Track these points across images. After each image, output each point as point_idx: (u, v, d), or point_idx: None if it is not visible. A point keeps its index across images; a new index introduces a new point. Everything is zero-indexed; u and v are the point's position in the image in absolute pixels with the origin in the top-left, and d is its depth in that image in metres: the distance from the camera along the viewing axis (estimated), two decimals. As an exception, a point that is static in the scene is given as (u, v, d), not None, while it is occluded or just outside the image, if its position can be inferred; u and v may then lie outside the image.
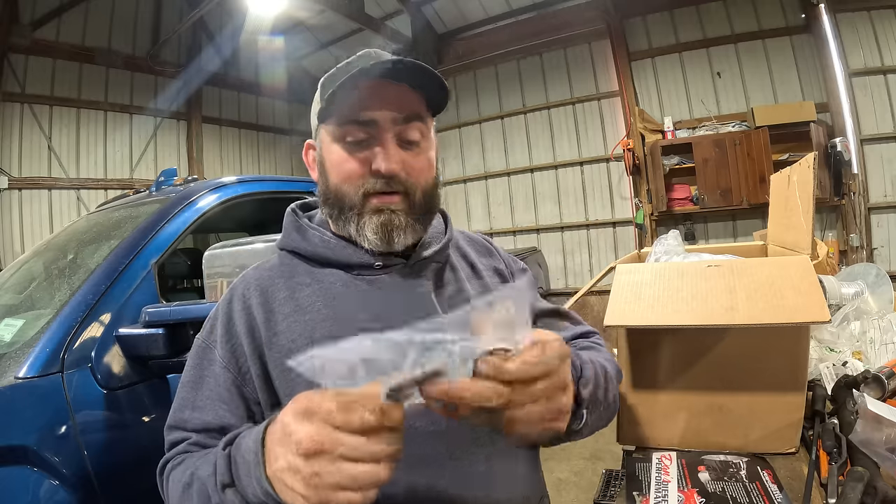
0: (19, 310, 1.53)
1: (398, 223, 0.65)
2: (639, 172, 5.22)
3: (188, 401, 0.64)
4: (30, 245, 4.40)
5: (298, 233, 0.72)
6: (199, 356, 0.66)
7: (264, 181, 2.03)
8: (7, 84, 4.43)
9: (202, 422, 0.62)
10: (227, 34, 5.86)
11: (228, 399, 0.62)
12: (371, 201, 0.64)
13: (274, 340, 0.63)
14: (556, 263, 5.77)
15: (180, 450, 0.61)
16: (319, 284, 0.67)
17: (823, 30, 4.50)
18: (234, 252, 1.30)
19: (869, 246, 4.52)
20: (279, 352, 0.63)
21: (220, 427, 0.61)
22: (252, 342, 0.64)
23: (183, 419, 0.63)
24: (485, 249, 0.84)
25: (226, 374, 0.63)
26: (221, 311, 0.68)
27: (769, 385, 0.91)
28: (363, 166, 0.64)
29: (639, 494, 0.81)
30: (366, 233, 0.65)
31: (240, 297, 0.68)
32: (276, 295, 0.67)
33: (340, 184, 0.65)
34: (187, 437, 0.62)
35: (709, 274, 0.96)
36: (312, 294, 0.66)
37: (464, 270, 0.76)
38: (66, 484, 1.08)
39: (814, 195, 1.32)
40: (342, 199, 0.66)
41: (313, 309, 0.65)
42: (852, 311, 1.23)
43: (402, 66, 0.61)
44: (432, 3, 5.82)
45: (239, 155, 6.46)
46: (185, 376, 0.66)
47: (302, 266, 0.70)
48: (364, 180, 0.64)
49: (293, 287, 0.67)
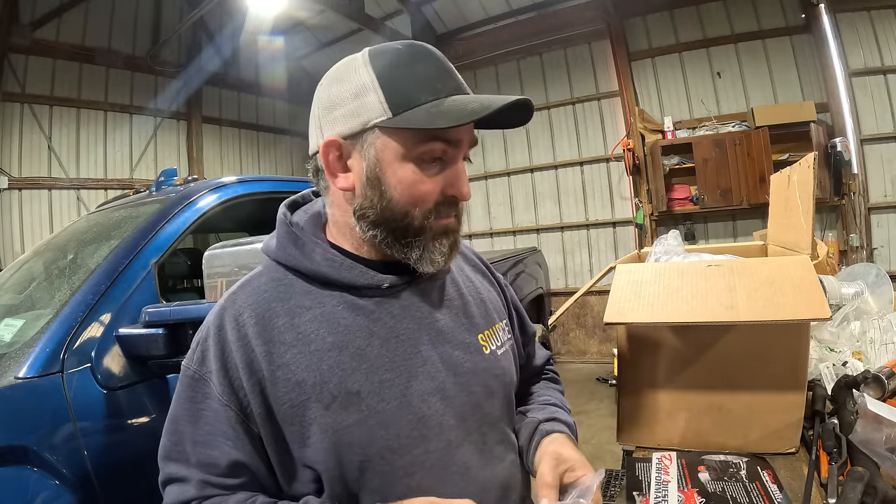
0: (19, 310, 1.53)
1: (458, 244, 0.65)
2: (639, 172, 5.22)
3: (186, 434, 0.60)
4: (30, 245, 4.40)
5: (297, 247, 0.65)
6: (192, 388, 0.61)
7: (264, 181, 2.03)
8: (7, 84, 4.43)
9: (208, 457, 0.58)
10: (227, 34, 5.85)
11: (233, 436, 0.58)
12: (438, 223, 0.62)
13: (278, 375, 0.59)
14: (556, 263, 5.77)
15: (190, 496, 0.59)
16: (321, 308, 0.62)
17: (823, 30, 4.50)
18: (234, 252, 1.30)
19: (869, 246, 4.52)
20: (285, 387, 0.58)
21: (229, 463, 0.58)
22: (251, 377, 0.59)
23: (184, 452, 0.60)
24: (482, 265, 0.85)
25: (227, 411, 0.58)
26: (213, 340, 0.61)
27: (769, 385, 0.91)
28: (437, 188, 0.60)
29: (639, 494, 0.81)
30: (432, 255, 0.62)
31: (233, 326, 0.61)
32: (275, 322, 0.61)
33: (410, 207, 0.60)
34: (191, 474, 0.59)
35: (709, 273, 0.96)
36: (314, 320, 0.61)
37: (465, 286, 0.75)
38: (67, 484, 1.08)
39: (814, 195, 1.32)
40: (406, 222, 0.60)
41: (318, 337, 0.60)
42: (852, 311, 1.23)
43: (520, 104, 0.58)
44: (432, 3, 5.82)
45: (239, 155, 6.45)
46: (178, 410, 0.61)
47: (298, 284, 0.64)
48: (436, 204, 0.61)
49: (292, 312, 0.62)
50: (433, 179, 0.60)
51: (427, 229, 0.61)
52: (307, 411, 0.58)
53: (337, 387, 0.58)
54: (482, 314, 0.74)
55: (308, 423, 0.58)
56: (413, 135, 0.58)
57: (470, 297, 0.74)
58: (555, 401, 0.82)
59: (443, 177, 0.60)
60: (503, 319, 0.78)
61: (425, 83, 0.58)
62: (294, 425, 0.58)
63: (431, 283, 0.69)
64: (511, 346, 0.78)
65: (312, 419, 0.58)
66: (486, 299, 0.77)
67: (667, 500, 0.77)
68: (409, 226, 0.60)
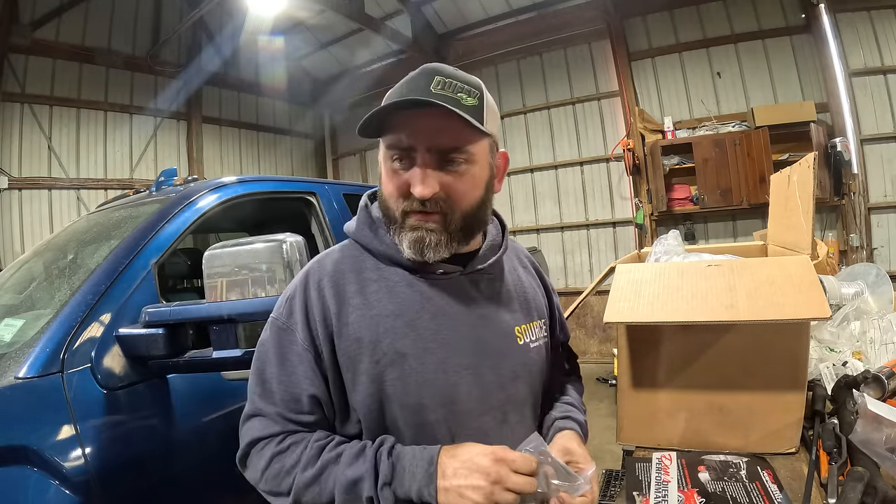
0: (19, 310, 1.53)
1: (430, 242, 0.71)
2: (639, 172, 5.22)
3: (273, 375, 0.72)
4: (30, 245, 4.40)
5: (371, 230, 0.78)
6: (280, 336, 0.74)
7: (264, 181, 2.03)
8: (7, 84, 4.43)
9: (291, 394, 0.71)
10: (227, 34, 5.85)
11: (311, 376, 0.71)
12: (410, 218, 0.72)
13: (344, 331, 0.72)
14: (556, 263, 5.77)
15: (274, 431, 0.70)
16: (385, 282, 0.75)
17: (823, 30, 4.50)
18: (234, 252, 1.29)
19: (869, 246, 4.52)
20: (347, 340, 0.71)
21: (309, 399, 0.71)
22: (325, 329, 0.72)
23: (271, 391, 0.72)
24: (533, 268, 0.94)
25: (308, 354, 0.72)
26: (298, 297, 0.74)
27: (769, 385, 0.91)
28: (404, 186, 0.70)
29: (639, 494, 0.81)
30: (402, 244, 0.73)
31: (315, 286, 0.74)
32: (347, 288, 0.74)
33: (387, 198, 0.73)
34: (277, 410, 0.71)
35: (709, 273, 0.96)
36: (378, 291, 0.74)
37: (513, 283, 0.85)
38: (66, 484, 1.08)
39: (814, 195, 1.32)
40: (389, 211, 0.74)
41: (379, 304, 0.73)
42: (852, 311, 1.23)
43: (429, 103, 0.65)
44: (432, 3, 5.82)
45: (239, 155, 6.45)
46: (267, 354, 0.74)
47: (370, 261, 0.77)
48: (404, 199, 0.71)
49: (362, 282, 0.75)
50: (399, 178, 0.71)
51: (402, 221, 0.72)
52: (360, 363, 0.71)
53: (388, 346, 0.71)
54: (523, 310, 0.84)
55: (360, 372, 0.70)
56: (384, 142, 0.72)
57: (515, 293, 0.84)
58: (572, 400, 0.91)
59: (408, 176, 0.70)
60: (542, 319, 0.87)
61: (390, 97, 0.69)
62: (349, 372, 0.71)
63: (481, 275, 0.80)
64: (545, 343, 0.86)
65: (364, 370, 0.70)
66: (531, 298, 0.86)
67: (667, 500, 0.77)
68: (389, 214, 0.74)
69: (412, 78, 0.71)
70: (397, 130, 0.69)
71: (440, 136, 0.68)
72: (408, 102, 0.66)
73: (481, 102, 0.70)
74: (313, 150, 7.44)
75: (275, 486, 0.69)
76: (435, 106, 0.65)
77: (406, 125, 0.68)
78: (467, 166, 0.70)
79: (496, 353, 0.76)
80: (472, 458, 0.63)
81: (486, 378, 0.75)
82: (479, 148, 0.72)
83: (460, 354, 0.73)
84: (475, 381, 0.74)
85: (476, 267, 0.78)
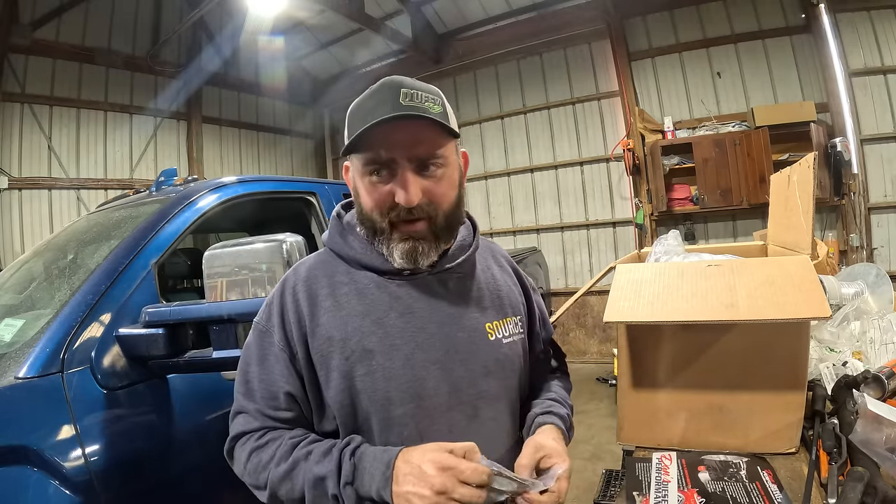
0: (19, 310, 1.53)
1: (422, 249, 0.75)
2: (639, 172, 5.22)
3: (254, 374, 0.77)
4: (30, 245, 4.40)
5: (341, 237, 0.83)
6: (260, 338, 0.79)
7: (264, 181, 2.03)
8: (7, 84, 4.43)
9: (269, 392, 0.75)
10: (227, 34, 5.85)
11: (287, 374, 0.76)
12: (398, 229, 0.74)
13: (317, 331, 0.76)
14: (556, 263, 5.77)
15: (254, 427, 0.75)
16: (355, 284, 0.79)
17: (823, 30, 4.50)
18: (234, 252, 1.30)
19: (869, 246, 4.52)
20: (319, 340, 0.75)
21: (285, 395, 0.75)
22: (299, 330, 0.76)
23: (252, 389, 0.76)
24: (510, 267, 0.95)
25: (283, 354, 0.76)
26: (276, 302, 0.80)
27: (769, 384, 0.91)
28: (387, 198, 0.73)
29: (639, 494, 0.81)
30: (394, 256, 0.75)
31: (290, 291, 0.79)
32: (319, 291, 0.79)
33: (370, 212, 0.75)
34: (256, 407, 0.75)
35: (709, 273, 0.96)
36: (348, 293, 0.78)
37: (485, 281, 0.86)
38: (66, 484, 1.08)
39: (814, 195, 1.32)
40: (373, 225, 0.76)
41: (348, 305, 0.77)
42: (852, 311, 1.23)
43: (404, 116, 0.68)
44: (432, 3, 5.82)
45: (239, 155, 6.45)
46: (249, 355, 0.79)
47: (342, 266, 0.81)
48: (389, 210, 0.73)
49: (333, 285, 0.79)
50: (381, 191, 0.73)
51: (389, 233, 0.75)
52: (332, 360, 0.74)
53: (356, 343, 0.74)
54: (496, 307, 0.85)
55: (332, 368, 0.74)
56: (358, 157, 0.74)
57: (487, 291, 0.85)
58: (555, 395, 0.92)
59: (391, 187, 0.72)
60: (518, 316, 0.88)
61: (365, 115, 0.71)
62: (323, 369, 0.75)
63: (450, 274, 0.82)
64: (521, 339, 0.87)
65: (335, 366, 0.74)
66: (504, 295, 0.87)
67: (667, 500, 0.77)
68: (375, 228, 0.76)
69: (376, 92, 0.73)
70: (374, 146, 0.71)
71: (417, 147, 0.71)
72: (394, 118, 0.68)
73: (444, 108, 0.74)
74: (313, 150, 7.45)
75: (254, 479, 0.73)
76: (412, 119, 0.69)
77: (382, 140, 0.70)
78: (443, 170, 0.74)
79: (466, 349, 0.78)
80: (420, 465, 0.63)
81: (455, 373, 0.76)
82: (449, 151, 0.76)
83: (428, 350, 0.75)
84: (443, 376, 0.75)
85: (444, 266, 0.80)
